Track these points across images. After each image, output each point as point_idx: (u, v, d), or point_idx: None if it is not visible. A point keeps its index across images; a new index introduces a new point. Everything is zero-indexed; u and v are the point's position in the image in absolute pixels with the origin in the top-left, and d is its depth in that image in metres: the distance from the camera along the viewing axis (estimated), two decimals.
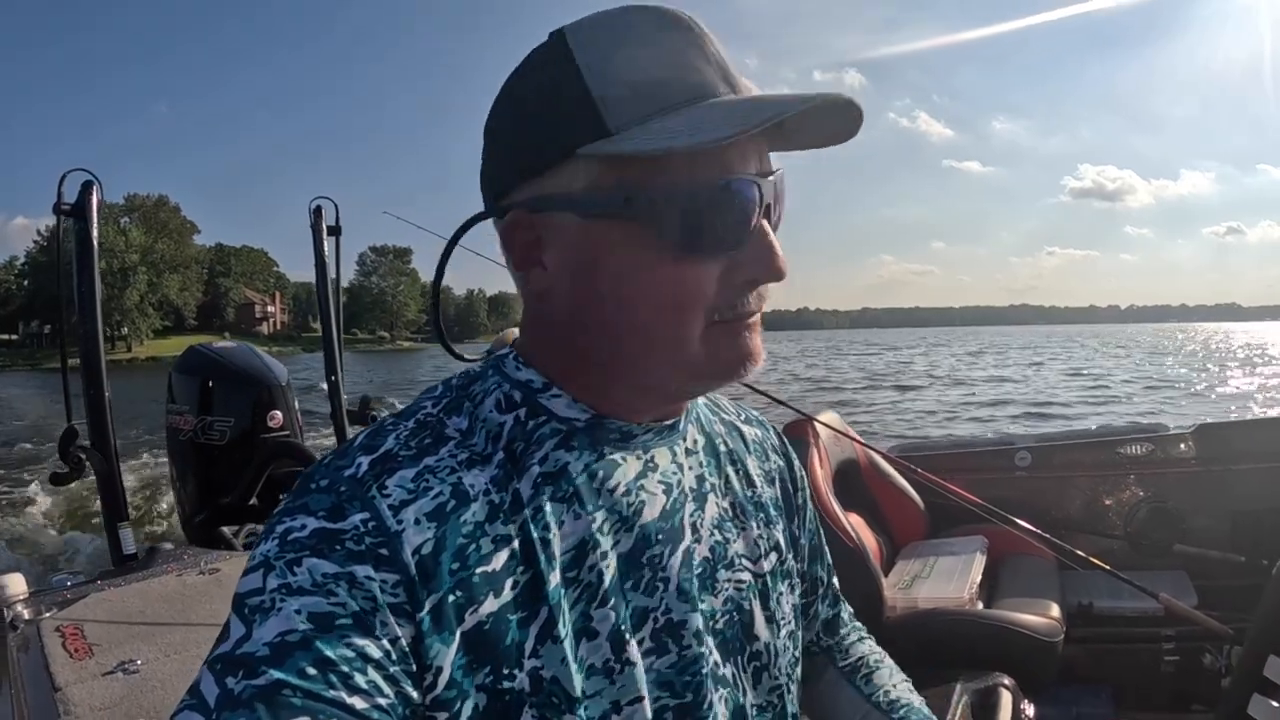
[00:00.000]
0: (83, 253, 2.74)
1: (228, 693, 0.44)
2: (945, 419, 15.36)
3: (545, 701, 0.54)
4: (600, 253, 0.56)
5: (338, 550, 0.49)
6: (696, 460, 0.69)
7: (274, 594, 0.48)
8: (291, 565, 0.49)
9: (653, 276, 0.55)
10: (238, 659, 0.45)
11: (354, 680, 0.46)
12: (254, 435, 3.36)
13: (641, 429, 0.63)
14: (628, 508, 0.60)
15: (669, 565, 0.61)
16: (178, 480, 3.53)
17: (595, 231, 0.55)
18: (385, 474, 0.54)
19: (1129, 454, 2.70)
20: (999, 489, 2.61)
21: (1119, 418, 13.66)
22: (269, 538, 0.51)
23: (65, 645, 1.84)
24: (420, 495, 0.53)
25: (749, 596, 0.68)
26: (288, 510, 0.52)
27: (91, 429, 2.79)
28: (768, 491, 0.76)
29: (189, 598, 2.19)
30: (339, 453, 0.57)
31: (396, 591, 0.49)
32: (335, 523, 0.50)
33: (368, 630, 0.48)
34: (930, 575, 2.29)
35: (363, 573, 0.49)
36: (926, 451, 3.00)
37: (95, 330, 2.80)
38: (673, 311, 0.55)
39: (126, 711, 1.53)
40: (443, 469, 0.55)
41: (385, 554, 0.50)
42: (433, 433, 0.58)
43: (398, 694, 0.48)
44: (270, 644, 0.46)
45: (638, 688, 0.57)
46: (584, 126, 0.53)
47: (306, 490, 0.53)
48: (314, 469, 0.56)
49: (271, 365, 3.57)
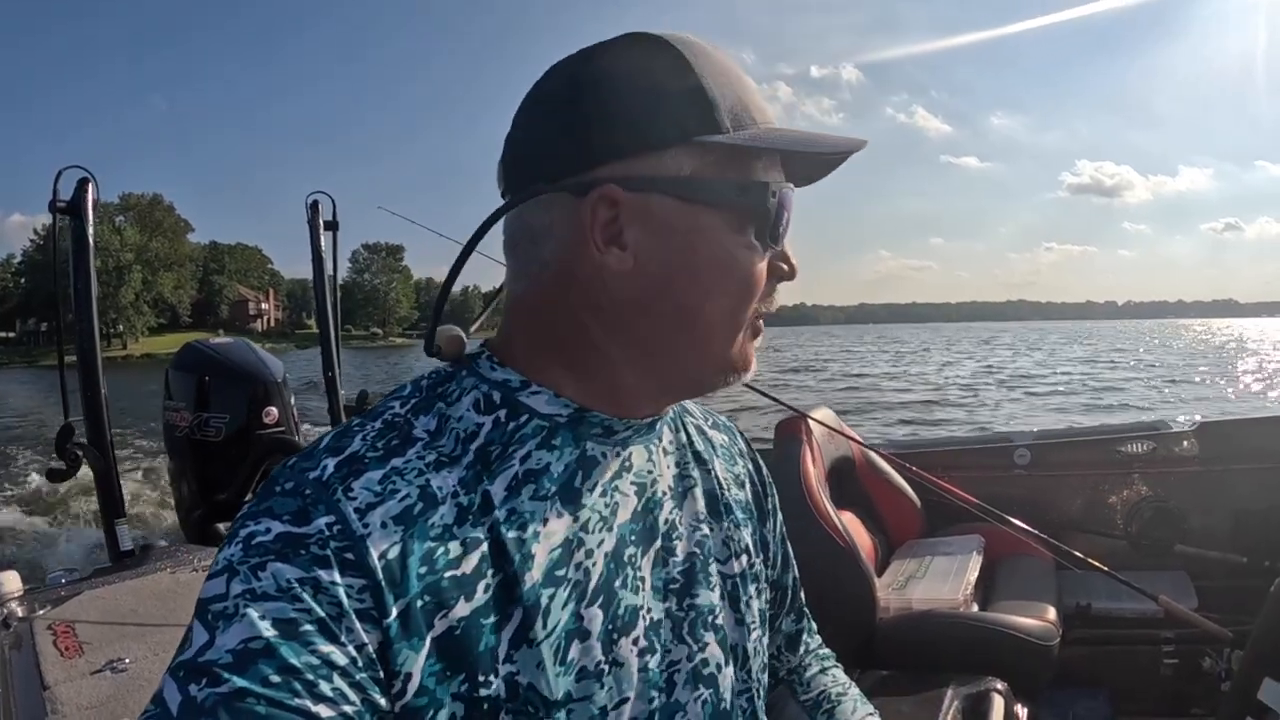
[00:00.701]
0: (79, 250, 2.74)
1: (190, 700, 0.44)
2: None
3: (521, 709, 0.53)
4: (698, 237, 0.58)
5: (302, 555, 0.49)
6: (673, 460, 0.70)
7: (237, 599, 0.47)
8: (255, 570, 0.48)
9: (737, 263, 0.59)
10: (200, 666, 0.45)
11: (319, 688, 0.45)
12: (249, 432, 3.36)
13: (623, 425, 0.63)
14: (605, 507, 0.61)
15: (642, 565, 0.62)
16: (175, 477, 3.54)
17: (695, 214, 0.57)
18: (351, 476, 0.53)
19: (1130, 452, 2.67)
20: (997, 487, 2.59)
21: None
22: (233, 542, 0.50)
23: (56, 643, 1.85)
24: (387, 498, 0.52)
25: (724, 596, 0.69)
26: (252, 514, 0.52)
27: (88, 426, 2.80)
28: (738, 494, 0.76)
29: (181, 595, 2.19)
30: (304, 454, 0.56)
31: (363, 596, 0.49)
32: (300, 527, 0.50)
33: (333, 636, 0.47)
34: (925, 575, 2.27)
35: (328, 578, 0.48)
36: (923, 449, 2.98)
37: (92, 328, 2.80)
38: (745, 298, 0.60)
39: (113, 711, 1.53)
40: (410, 471, 0.54)
41: (351, 558, 0.49)
42: (400, 434, 0.57)
43: (364, 701, 0.47)
44: (233, 650, 0.45)
45: (624, 689, 0.57)
46: (696, 118, 0.56)
47: (271, 493, 0.53)
48: (278, 471, 0.55)
49: (267, 361, 3.57)
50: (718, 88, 0.57)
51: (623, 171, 0.56)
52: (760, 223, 0.59)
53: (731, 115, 0.57)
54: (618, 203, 0.56)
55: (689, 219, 0.57)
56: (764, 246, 0.60)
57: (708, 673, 0.64)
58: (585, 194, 0.56)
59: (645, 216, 0.57)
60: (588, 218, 0.57)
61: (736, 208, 0.58)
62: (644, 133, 0.56)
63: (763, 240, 0.59)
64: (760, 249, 0.59)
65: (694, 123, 0.56)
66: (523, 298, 0.63)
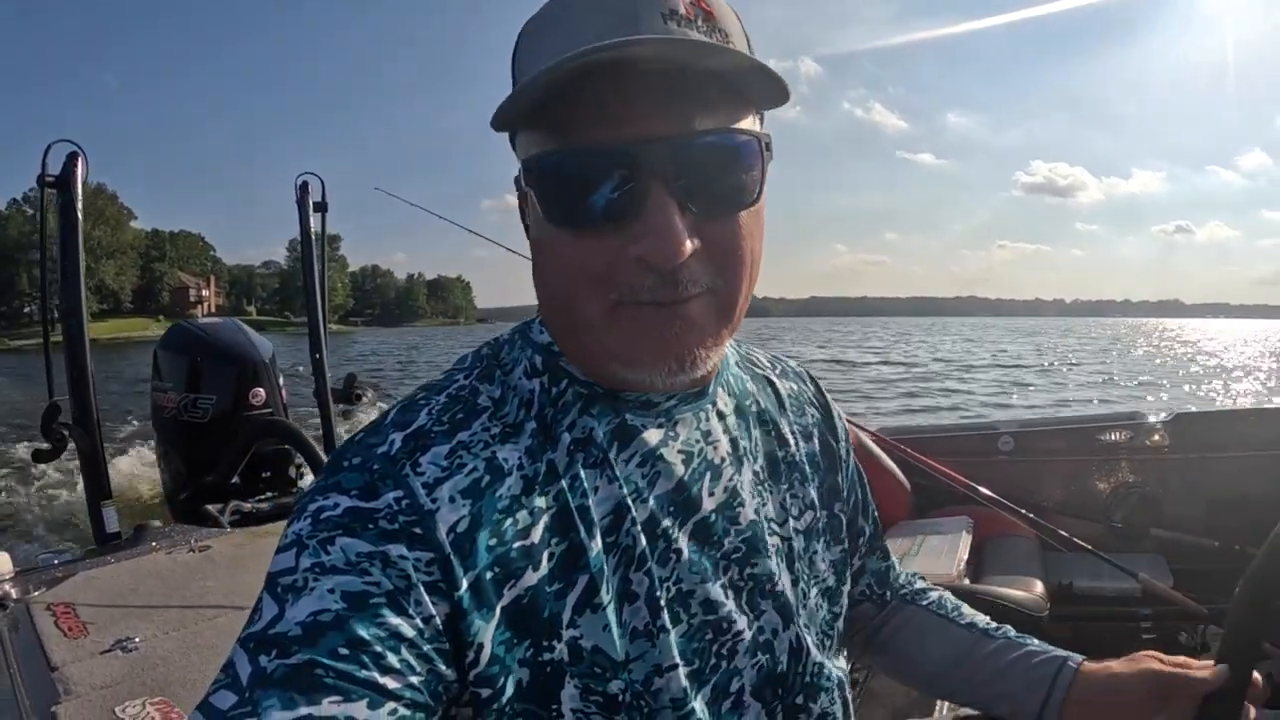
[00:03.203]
0: (66, 225, 2.69)
1: (260, 671, 0.44)
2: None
3: (588, 671, 0.54)
4: (532, 222, 0.57)
5: (370, 529, 0.49)
6: (728, 425, 0.67)
7: (307, 573, 0.47)
8: (324, 544, 0.48)
9: (547, 247, 0.56)
10: (270, 638, 0.45)
11: (386, 660, 0.46)
12: (236, 412, 3.33)
13: (664, 397, 0.61)
14: (643, 478, 0.60)
15: (678, 538, 0.60)
16: (162, 458, 3.49)
17: (530, 202, 0.56)
18: (419, 451, 0.53)
19: (1108, 440, 2.76)
20: (982, 472, 2.66)
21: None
22: (301, 516, 0.51)
23: (58, 624, 1.83)
24: (454, 472, 0.53)
25: (790, 558, 0.68)
26: (320, 488, 0.52)
27: (75, 405, 2.76)
28: (804, 447, 0.74)
29: (181, 575, 2.18)
30: (370, 429, 0.56)
31: (431, 570, 0.49)
32: (368, 501, 0.50)
33: (401, 609, 0.47)
34: (919, 553, 2.33)
35: (396, 551, 0.49)
36: (911, 434, 3.05)
37: (79, 305, 2.76)
38: (563, 284, 0.55)
39: (130, 689, 1.52)
40: (476, 444, 0.55)
41: (419, 532, 0.50)
42: (465, 406, 0.57)
43: (430, 672, 0.48)
44: (303, 623, 0.45)
45: (673, 653, 0.57)
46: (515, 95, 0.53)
47: (339, 468, 0.53)
48: (345, 446, 0.55)
49: (256, 341, 3.52)
50: (526, 43, 0.55)
51: (520, 152, 0.57)
52: (546, 194, 0.54)
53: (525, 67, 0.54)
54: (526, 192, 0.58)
55: (528, 205, 0.57)
56: (562, 223, 0.53)
57: (764, 639, 0.63)
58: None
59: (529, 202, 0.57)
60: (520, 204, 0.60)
61: (533, 191, 0.55)
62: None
63: (557, 217, 0.53)
64: (565, 231, 0.53)
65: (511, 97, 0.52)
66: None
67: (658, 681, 0.57)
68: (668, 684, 0.57)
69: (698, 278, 0.53)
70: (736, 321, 0.58)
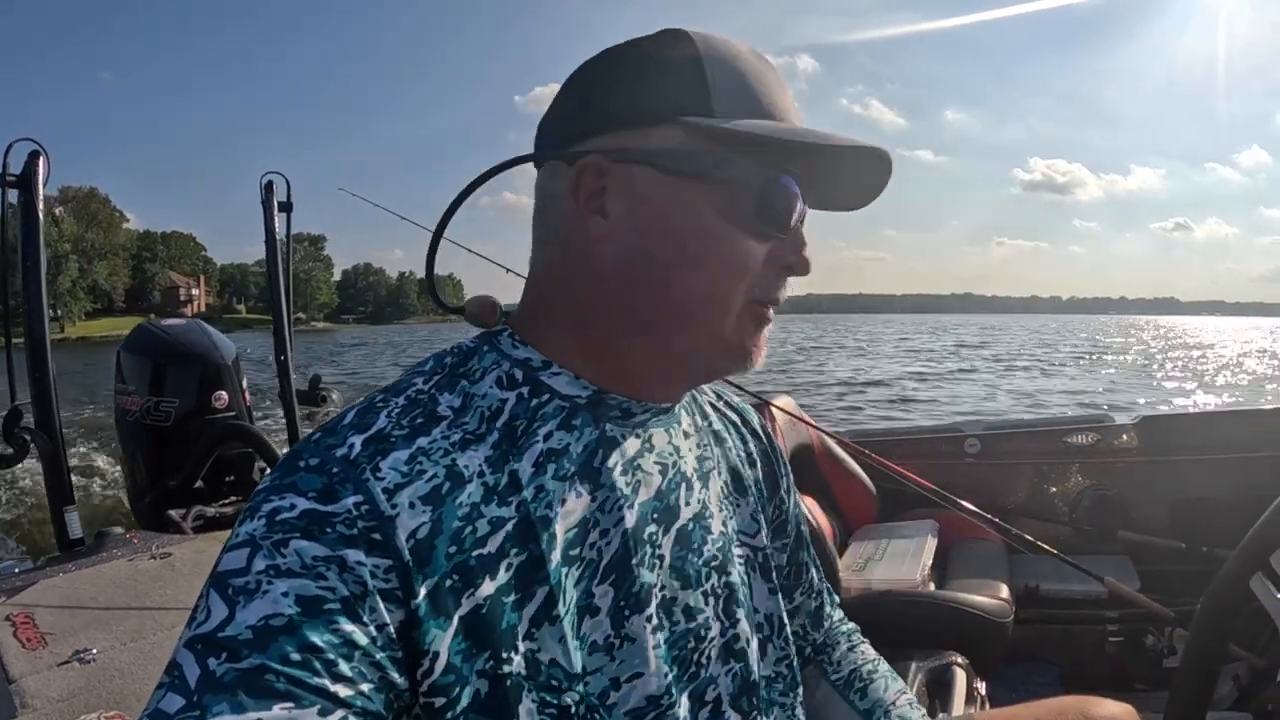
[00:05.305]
0: (28, 225, 2.63)
1: (209, 674, 0.43)
2: None
3: (545, 684, 0.54)
4: (676, 209, 0.58)
5: (328, 533, 0.48)
6: (695, 441, 0.70)
7: (260, 575, 0.46)
8: (279, 546, 0.47)
9: (718, 239, 0.59)
10: (220, 641, 0.44)
11: (339, 667, 0.45)
12: (199, 416, 3.29)
13: (640, 408, 0.63)
14: (625, 486, 0.61)
15: (662, 543, 0.62)
16: (126, 461, 3.44)
17: (676, 188, 0.58)
18: (379, 455, 0.53)
19: (1075, 443, 2.78)
20: (949, 475, 2.67)
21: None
22: (254, 516, 0.50)
23: (17, 634, 1.80)
24: (415, 478, 0.52)
25: (752, 570, 0.71)
26: (274, 488, 0.51)
27: (36, 409, 2.71)
28: (750, 473, 0.78)
29: (142, 583, 2.15)
30: (328, 430, 0.55)
31: (389, 577, 0.49)
32: (326, 505, 0.49)
33: (356, 616, 0.47)
34: (883, 558, 2.34)
35: (354, 557, 0.48)
36: (877, 438, 3.06)
37: (40, 306, 2.70)
38: (727, 276, 0.59)
39: (86, 702, 1.50)
40: (436, 451, 0.55)
41: (378, 538, 0.49)
42: (425, 411, 0.57)
43: (383, 680, 0.47)
44: (254, 627, 0.45)
45: (636, 663, 0.58)
46: (690, 99, 0.58)
47: (294, 469, 0.52)
48: (301, 445, 0.54)
49: (219, 343, 3.47)
50: (721, 74, 0.58)
51: (612, 143, 0.59)
52: (748, 203, 0.58)
53: (730, 101, 0.58)
54: (604, 172, 0.59)
55: (667, 190, 0.58)
56: (755, 229, 0.59)
57: (739, 647, 0.66)
58: (573, 163, 0.60)
59: (628, 187, 0.59)
60: (577, 184, 0.60)
61: (721, 184, 0.58)
62: (636, 107, 0.59)
63: (752, 222, 0.59)
64: (750, 231, 0.59)
65: (687, 102, 0.57)
66: (535, 268, 0.65)
67: (614, 695, 0.57)
68: (629, 695, 0.57)
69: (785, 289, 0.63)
70: None
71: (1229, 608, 1.21)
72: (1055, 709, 0.76)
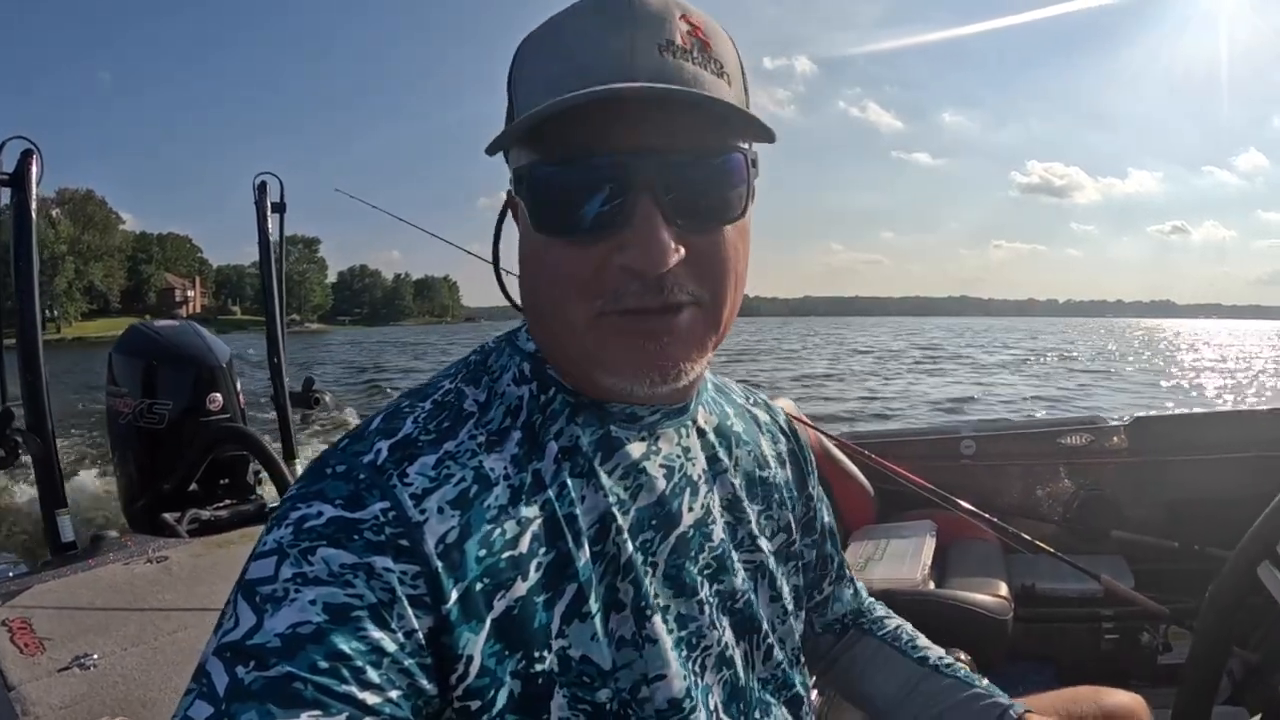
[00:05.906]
0: (20, 225, 2.60)
1: (237, 682, 0.44)
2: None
3: (576, 680, 0.54)
4: (522, 231, 0.58)
5: (356, 540, 0.48)
6: (708, 442, 0.70)
7: (288, 583, 0.47)
8: (306, 554, 0.48)
9: (539, 256, 0.56)
10: (248, 649, 0.45)
11: (366, 675, 0.45)
12: (194, 418, 3.26)
13: (648, 410, 0.63)
14: (625, 490, 0.61)
15: (658, 551, 0.61)
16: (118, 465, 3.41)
17: (520, 211, 0.57)
18: (406, 461, 0.53)
19: (1068, 444, 2.81)
20: (945, 476, 2.69)
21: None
22: (282, 524, 0.50)
23: (14, 639, 1.77)
24: (442, 483, 0.53)
25: (757, 577, 0.70)
26: (301, 496, 0.51)
27: (28, 411, 2.68)
28: (780, 473, 0.77)
29: (139, 587, 2.12)
30: (354, 436, 0.56)
31: (417, 583, 0.49)
32: (353, 512, 0.50)
33: (383, 623, 0.47)
34: (883, 558, 2.35)
35: (381, 564, 0.48)
36: (874, 439, 3.07)
37: (33, 306, 2.67)
38: (549, 290, 0.56)
39: (89, 709, 1.48)
40: (463, 454, 0.55)
41: (406, 545, 0.49)
42: (451, 413, 0.57)
43: (411, 687, 0.47)
44: (282, 635, 0.45)
45: (658, 665, 0.58)
46: (516, 108, 0.57)
47: (321, 476, 0.52)
48: (328, 453, 0.55)
49: (213, 345, 3.45)
50: (527, 69, 0.56)
51: (512, 162, 0.58)
52: (537, 204, 0.54)
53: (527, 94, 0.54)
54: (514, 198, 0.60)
55: (520, 214, 0.58)
56: (555, 232, 0.54)
57: (729, 655, 0.65)
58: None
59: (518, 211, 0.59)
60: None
61: (524, 200, 0.55)
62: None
63: (548, 227, 0.54)
64: (556, 239, 0.54)
65: (513, 112, 0.56)
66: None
67: (644, 690, 0.57)
68: (654, 694, 0.57)
69: (684, 285, 0.54)
70: (721, 335, 0.59)
71: (1238, 589, 1.22)
72: (1069, 698, 0.78)
